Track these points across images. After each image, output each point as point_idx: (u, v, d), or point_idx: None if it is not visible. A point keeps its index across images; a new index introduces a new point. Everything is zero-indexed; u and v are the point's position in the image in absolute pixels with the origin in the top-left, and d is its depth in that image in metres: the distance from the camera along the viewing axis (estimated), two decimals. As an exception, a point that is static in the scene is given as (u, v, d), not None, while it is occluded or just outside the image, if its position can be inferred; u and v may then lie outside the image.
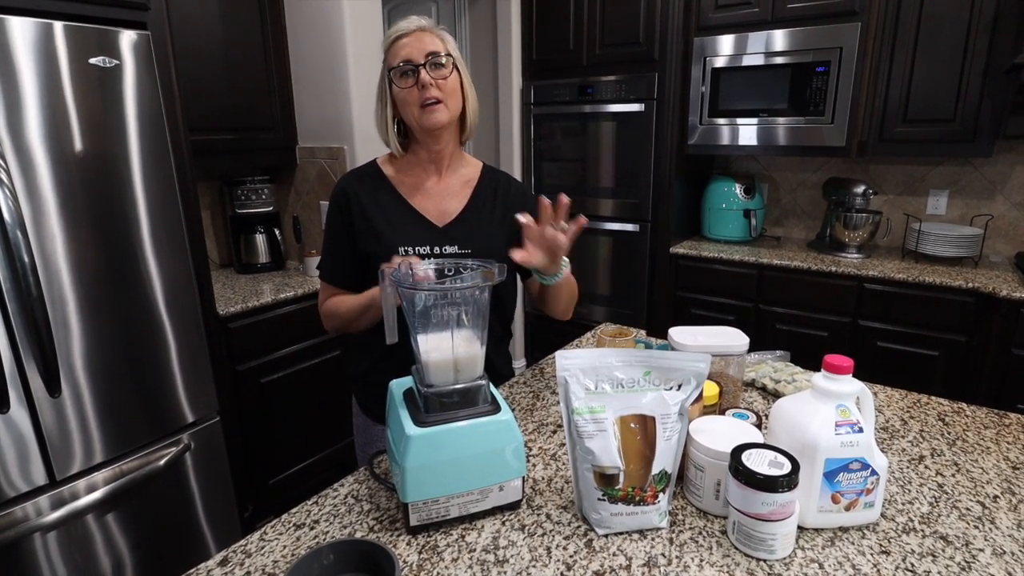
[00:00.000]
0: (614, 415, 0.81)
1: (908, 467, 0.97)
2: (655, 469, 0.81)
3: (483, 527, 0.84)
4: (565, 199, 1.03)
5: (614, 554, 0.78)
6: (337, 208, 1.19)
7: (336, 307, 1.21)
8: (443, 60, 1.11)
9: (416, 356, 0.86)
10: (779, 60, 2.49)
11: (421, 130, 1.14)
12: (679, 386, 0.83)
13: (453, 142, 1.20)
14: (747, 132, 2.64)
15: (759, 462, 0.77)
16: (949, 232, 2.42)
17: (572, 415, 0.82)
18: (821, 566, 0.75)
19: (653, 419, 0.81)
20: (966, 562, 0.76)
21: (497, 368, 1.28)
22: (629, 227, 2.90)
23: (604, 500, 0.81)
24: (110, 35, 1.46)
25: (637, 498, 0.81)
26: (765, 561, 0.76)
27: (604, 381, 0.82)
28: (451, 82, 1.12)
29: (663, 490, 0.82)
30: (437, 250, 1.15)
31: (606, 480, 0.81)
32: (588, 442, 0.81)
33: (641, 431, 0.81)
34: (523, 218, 1.03)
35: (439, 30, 1.14)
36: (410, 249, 1.13)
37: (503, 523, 0.85)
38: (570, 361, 0.82)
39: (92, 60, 1.43)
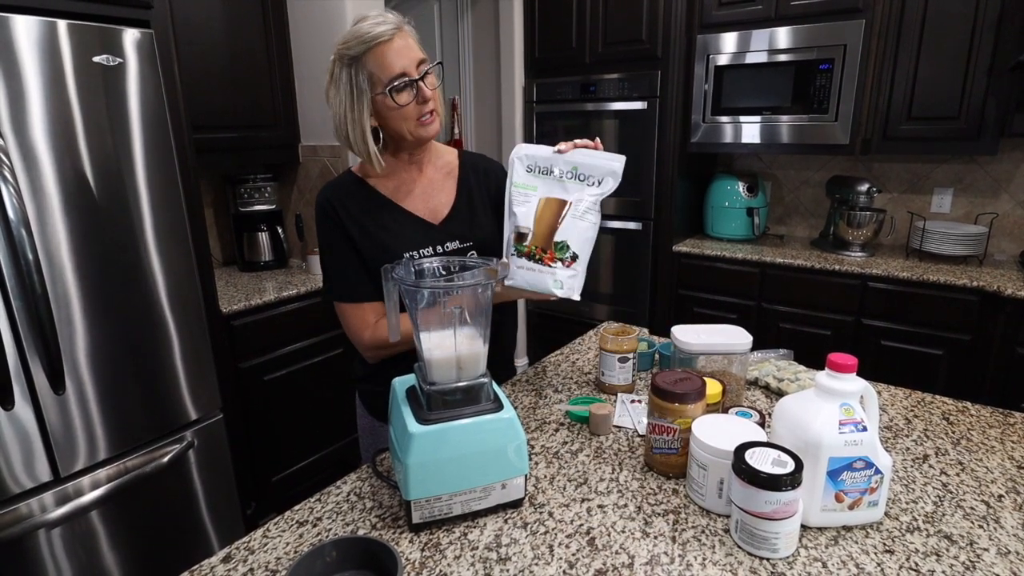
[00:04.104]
0: (540, 195, 1.05)
1: (912, 466, 0.97)
2: (557, 238, 1.03)
3: (485, 525, 0.84)
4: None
5: (616, 552, 0.78)
6: (329, 222, 1.12)
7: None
8: (432, 67, 1.08)
9: (419, 354, 0.86)
10: (783, 58, 2.48)
11: (414, 142, 1.11)
12: (598, 183, 1.04)
13: None
14: (750, 130, 2.63)
15: (762, 461, 0.76)
16: (953, 230, 2.41)
17: (512, 188, 1.06)
18: (824, 565, 0.75)
19: (569, 203, 1.03)
20: (970, 561, 0.76)
21: (499, 366, 1.27)
22: (631, 225, 2.89)
23: (514, 255, 1.05)
24: (114, 33, 1.46)
25: (537, 256, 1.03)
26: (768, 560, 0.76)
27: (542, 172, 1.05)
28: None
29: (562, 260, 1.03)
30: (440, 248, 1.14)
31: (519, 237, 1.05)
32: (516, 208, 1.05)
33: (557, 211, 1.04)
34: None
35: (407, 24, 1.08)
36: (415, 253, 1.12)
37: (505, 521, 0.85)
38: (523, 151, 1.06)
39: (96, 58, 1.43)
